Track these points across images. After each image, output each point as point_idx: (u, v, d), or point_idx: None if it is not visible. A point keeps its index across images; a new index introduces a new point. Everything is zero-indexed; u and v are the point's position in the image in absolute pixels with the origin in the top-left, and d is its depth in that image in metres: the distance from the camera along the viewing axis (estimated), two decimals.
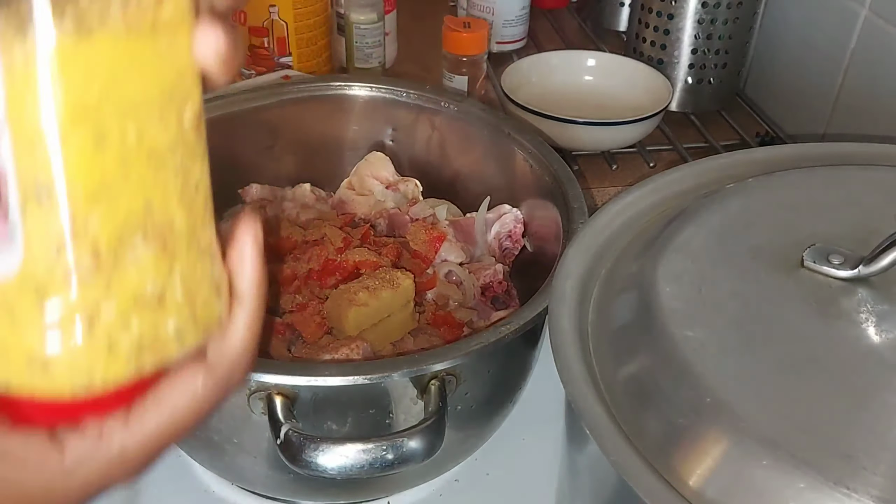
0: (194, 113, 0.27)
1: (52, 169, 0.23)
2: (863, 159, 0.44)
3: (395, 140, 0.69)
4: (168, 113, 0.26)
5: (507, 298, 0.61)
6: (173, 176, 0.26)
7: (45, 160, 0.23)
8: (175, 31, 0.26)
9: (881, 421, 0.29)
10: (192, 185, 0.27)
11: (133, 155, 0.25)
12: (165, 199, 0.26)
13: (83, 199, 0.24)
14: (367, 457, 0.40)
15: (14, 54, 0.23)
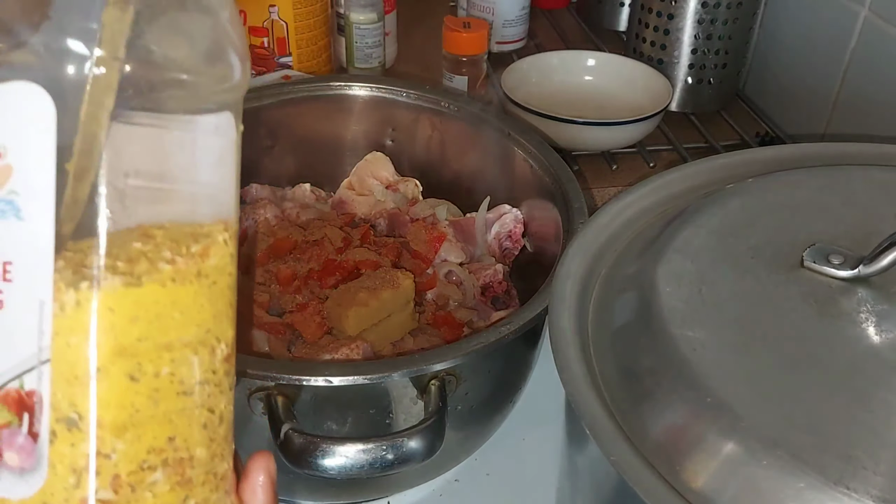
0: (226, 351, 0.27)
1: (87, 400, 0.24)
2: (863, 159, 0.44)
3: (395, 140, 0.69)
4: (202, 351, 0.27)
5: (507, 298, 0.61)
6: (199, 410, 0.27)
7: (81, 391, 0.24)
8: (217, 278, 0.27)
9: (881, 421, 0.29)
10: (216, 418, 0.27)
11: (164, 391, 0.25)
12: (189, 433, 0.26)
13: (111, 431, 0.24)
14: (367, 457, 0.40)
15: (67, 294, 0.24)
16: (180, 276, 0.26)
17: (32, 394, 0.24)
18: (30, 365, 0.24)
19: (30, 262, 0.24)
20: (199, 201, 0.28)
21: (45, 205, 0.24)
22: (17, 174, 0.24)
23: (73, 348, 0.24)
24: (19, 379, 0.24)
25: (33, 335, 0.24)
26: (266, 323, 0.53)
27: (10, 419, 0.24)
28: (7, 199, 0.24)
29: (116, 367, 0.25)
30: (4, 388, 0.24)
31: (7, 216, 0.24)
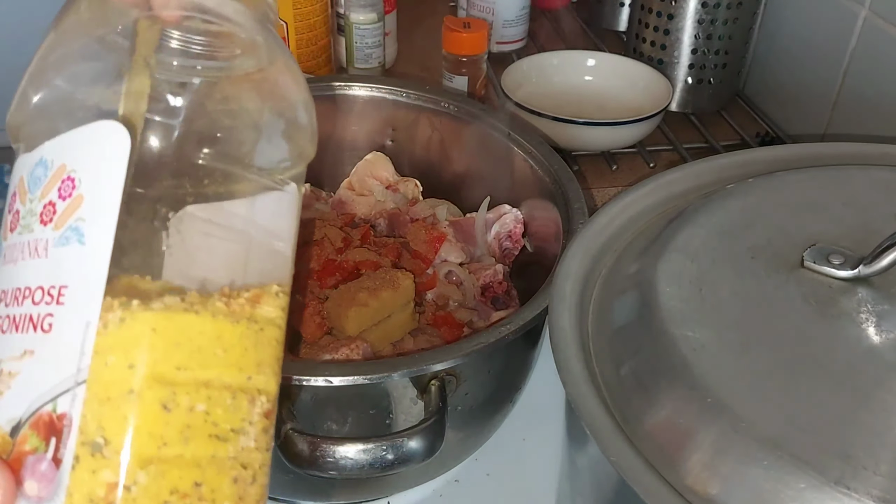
0: (266, 407, 0.27)
1: (116, 424, 0.23)
2: (863, 159, 0.44)
3: (395, 140, 0.69)
4: (241, 397, 0.26)
5: (507, 298, 0.61)
6: (232, 462, 0.26)
7: (111, 413, 0.23)
8: (265, 326, 0.27)
9: (881, 421, 0.29)
10: (248, 475, 0.26)
11: (196, 429, 0.25)
12: (218, 483, 0.25)
13: (136, 460, 0.23)
14: (367, 457, 0.40)
15: (114, 312, 0.24)
16: (231, 314, 0.26)
17: (63, 416, 0.23)
18: (66, 387, 0.24)
19: (83, 284, 0.24)
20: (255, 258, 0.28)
21: (107, 230, 0.24)
22: (86, 203, 0.25)
23: (109, 367, 0.24)
24: (53, 402, 0.24)
25: (75, 356, 0.24)
26: None
27: (38, 445, 0.24)
28: (74, 227, 0.25)
29: (151, 392, 0.24)
30: (38, 413, 0.24)
31: (70, 242, 0.25)
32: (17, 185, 0.27)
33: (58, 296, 0.24)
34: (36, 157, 0.26)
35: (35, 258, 0.25)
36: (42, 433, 0.24)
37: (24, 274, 0.25)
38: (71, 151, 0.26)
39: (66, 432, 0.23)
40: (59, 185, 0.25)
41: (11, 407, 0.24)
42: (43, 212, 0.25)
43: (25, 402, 0.24)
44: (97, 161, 0.25)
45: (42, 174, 0.26)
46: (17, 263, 0.26)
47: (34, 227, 0.25)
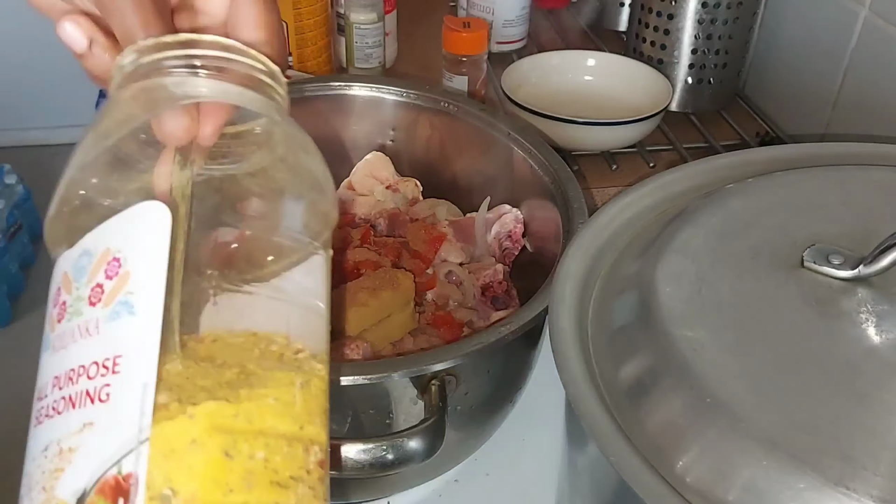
0: (320, 457, 0.28)
1: (183, 475, 0.24)
2: (863, 159, 0.44)
3: (395, 140, 0.69)
4: (296, 447, 0.27)
5: (507, 298, 0.60)
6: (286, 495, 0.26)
7: (176, 465, 0.24)
8: (313, 380, 0.29)
9: (881, 421, 0.29)
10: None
11: (258, 475, 0.26)
12: None
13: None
14: (367, 457, 0.40)
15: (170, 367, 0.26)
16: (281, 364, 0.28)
17: (129, 476, 0.24)
18: (129, 447, 0.24)
19: (138, 349, 0.25)
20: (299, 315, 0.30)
21: (156, 296, 0.26)
22: (133, 277, 0.26)
23: (171, 422, 0.25)
24: (118, 465, 0.24)
25: (135, 418, 0.25)
26: None
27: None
28: (124, 301, 0.26)
29: (213, 440, 0.25)
30: (103, 479, 0.24)
31: (121, 316, 0.26)
32: (60, 281, 0.28)
33: (113, 366, 0.25)
34: (78, 250, 0.28)
35: (86, 337, 0.26)
36: (109, 497, 0.24)
37: (76, 354, 0.26)
38: (114, 235, 0.27)
39: (134, 490, 0.24)
40: (106, 268, 0.27)
41: (75, 480, 0.25)
42: (91, 294, 0.27)
43: (88, 471, 0.25)
44: (140, 237, 0.27)
45: (87, 263, 0.27)
46: (67, 348, 0.27)
47: (83, 310, 0.27)
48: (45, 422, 0.26)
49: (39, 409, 0.27)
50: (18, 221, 1.09)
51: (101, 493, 0.24)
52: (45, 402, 0.27)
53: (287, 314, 0.30)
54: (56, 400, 0.26)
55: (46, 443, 0.26)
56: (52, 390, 0.27)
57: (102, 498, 0.24)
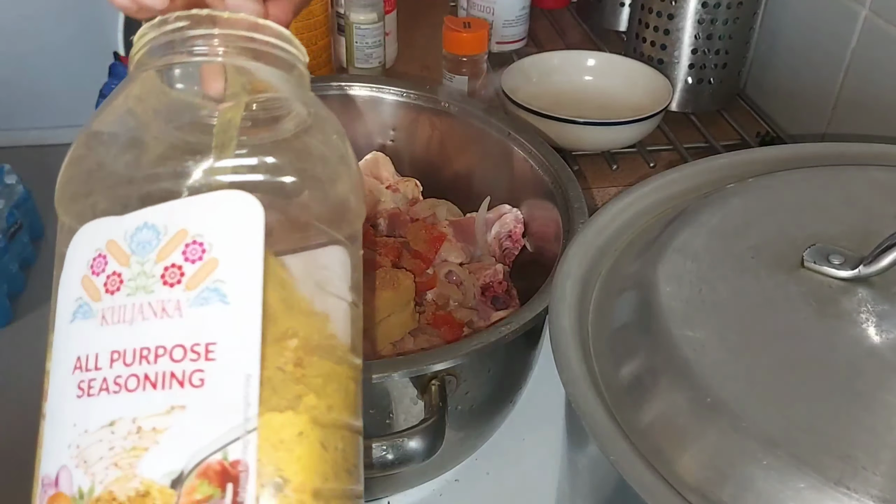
0: (362, 444, 0.31)
1: (292, 465, 0.26)
2: (863, 159, 0.44)
3: (395, 140, 0.69)
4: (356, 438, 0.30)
5: (507, 298, 0.60)
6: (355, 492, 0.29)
7: (287, 457, 0.26)
8: (356, 374, 0.31)
9: (881, 421, 0.29)
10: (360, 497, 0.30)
11: (339, 466, 0.28)
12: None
13: (311, 495, 0.26)
14: (367, 457, 0.40)
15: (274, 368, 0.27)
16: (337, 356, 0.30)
17: (237, 463, 0.25)
18: (235, 436, 0.25)
19: (236, 340, 0.26)
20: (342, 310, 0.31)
21: (255, 291, 0.27)
22: (223, 266, 0.27)
23: (279, 414, 0.26)
24: (223, 451, 0.25)
25: (238, 407, 0.26)
26: None
27: (212, 492, 0.25)
28: (212, 288, 0.27)
29: (314, 434, 0.27)
30: (205, 463, 0.25)
31: (212, 302, 0.26)
32: (104, 249, 0.28)
33: (205, 352, 0.26)
34: (135, 221, 0.28)
35: (164, 318, 0.27)
36: (216, 481, 0.25)
37: (150, 333, 0.27)
38: (191, 218, 0.27)
39: (244, 477, 0.25)
40: (184, 249, 0.27)
41: (167, 461, 0.25)
42: (165, 274, 0.27)
43: (185, 454, 0.25)
44: (231, 229, 0.27)
45: (152, 238, 0.27)
46: (133, 324, 0.27)
47: (154, 288, 0.27)
48: (105, 396, 0.26)
49: (90, 380, 0.27)
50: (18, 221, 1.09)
51: (203, 476, 0.25)
52: (100, 374, 0.27)
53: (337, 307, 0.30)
54: (122, 375, 0.26)
55: (111, 418, 0.26)
56: (113, 364, 0.27)
57: (206, 482, 0.25)
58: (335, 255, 0.31)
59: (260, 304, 0.27)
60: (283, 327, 0.28)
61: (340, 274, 0.31)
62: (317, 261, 0.30)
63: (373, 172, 0.68)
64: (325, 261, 0.30)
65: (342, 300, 0.30)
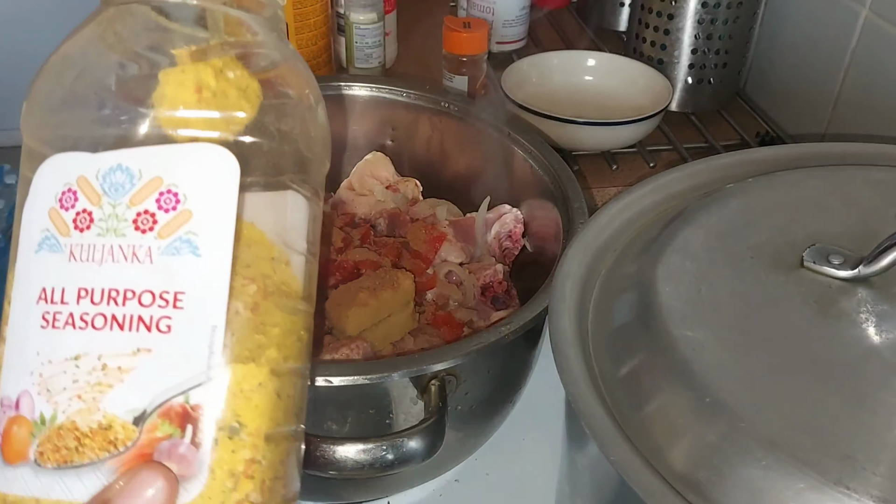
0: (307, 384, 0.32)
1: (249, 412, 0.28)
2: (863, 159, 0.44)
3: (395, 140, 0.69)
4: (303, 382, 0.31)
5: (507, 298, 0.61)
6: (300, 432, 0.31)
7: (245, 405, 0.28)
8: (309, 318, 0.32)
9: (881, 421, 0.29)
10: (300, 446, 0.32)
11: (289, 411, 0.30)
12: (296, 451, 0.31)
13: (264, 440, 0.28)
14: (367, 457, 0.40)
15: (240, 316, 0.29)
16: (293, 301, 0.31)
17: (198, 407, 0.27)
18: (198, 381, 0.27)
19: (204, 292, 0.27)
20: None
21: (226, 246, 0.28)
22: (196, 218, 0.28)
23: (241, 365, 0.28)
24: (185, 394, 0.27)
25: (203, 356, 0.27)
26: None
27: (172, 431, 0.27)
28: (185, 239, 0.28)
29: (271, 384, 0.28)
30: (167, 404, 0.27)
31: (183, 252, 0.27)
32: (75, 184, 0.29)
33: (174, 300, 0.27)
34: (109, 161, 0.28)
35: (135, 263, 0.27)
36: (176, 422, 0.27)
37: (120, 276, 0.28)
38: (167, 167, 0.28)
39: (204, 420, 0.27)
40: (158, 197, 0.28)
41: (131, 399, 0.27)
42: (138, 219, 0.28)
43: (148, 395, 0.27)
44: (207, 182, 0.28)
45: (125, 181, 0.28)
46: (103, 265, 0.28)
47: (126, 232, 0.28)
48: (71, 331, 0.27)
49: (55, 313, 0.28)
50: None
51: (165, 416, 0.27)
52: (66, 308, 0.28)
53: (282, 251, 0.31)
54: (89, 313, 0.27)
55: (77, 352, 0.27)
56: (80, 301, 0.28)
57: (168, 422, 0.27)
58: (297, 205, 0.31)
59: (230, 260, 0.28)
60: (243, 270, 0.29)
61: (300, 224, 0.31)
62: (278, 208, 0.31)
63: (373, 172, 0.68)
64: (286, 209, 0.31)
65: (299, 249, 0.31)
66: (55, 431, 0.27)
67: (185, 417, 0.27)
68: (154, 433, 0.26)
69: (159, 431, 0.26)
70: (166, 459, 0.26)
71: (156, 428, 0.26)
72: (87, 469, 0.27)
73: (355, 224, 0.64)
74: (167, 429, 0.27)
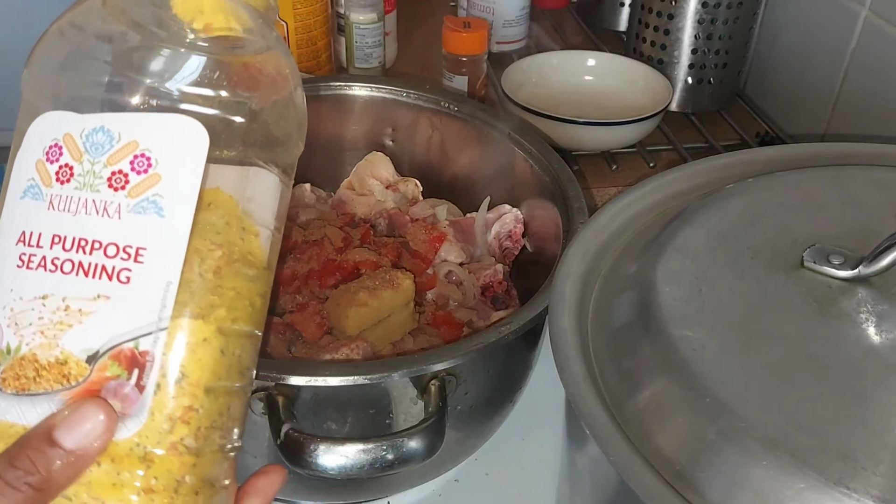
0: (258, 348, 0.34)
1: (192, 364, 0.30)
2: (863, 159, 0.44)
3: (395, 140, 0.69)
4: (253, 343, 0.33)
5: (507, 298, 0.61)
6: (246, 389, 0.33)
7: (189, 357, 0.30)
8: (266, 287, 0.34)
9: (881, 421, 0.29)
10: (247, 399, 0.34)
11: (234, 368, 0.32)
12: (236, 406, 0.32)
13: (204, 391, 0.30)
14: (367, 457, 0.40)
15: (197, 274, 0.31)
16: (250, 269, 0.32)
17: (146, 353, 0.29)
18: (148, 330, 0.29)
19: (163, 249, 0.30)
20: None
21: (188, 211, 0.30)
22: (164, 182, 0.30)
23: (190, 320, 0.30)
24: (135, 341, 0.29)
25: (156, 307, 0.29)
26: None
27: (120, 373, 0.29)
28: (152, 200, 0.30)
29: (217, 341, 0.31)
30: (118, 348, 0.29)
31: (148, 212, 0.30)
32: (61, 140, 0.31)
33: (135, 255, 0.29)
34: (93, 122, 0.31)
35: (105, 217, 0.30)
36: (124, 364, 0.29)
37: (89, 227, 0.30)
38: (144, 132, 0.30)
39: (150, 366, 0.29)
40: (132, 159, 0.30)
41: (86, 340, 0.29)
42: (112, 178, 0.30)
43: (103, 337, 0.29)
44: (177, 150, 0.30)
45: (105, 142, 0.30)
46: (76, 215, 0.30)
47: (101, 188, 0.30)
48: (42, 272, 0.30)
49: (30, 255, 0.30)
50: None
51: (115, 359, 0.29)
52: (40, 252, 0.30)
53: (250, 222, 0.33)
54: (60, 258, 0.30)
55: (44, 292, 0.30)
56: (53, 246, 0.30)
57: (117, 364, 0.29)
58: (268, 181, 0.33)
59: (190, 222, 0.30)
60: (212, 237, 0.31)
61: (271, 200, 0.34)
62: (252, 183, 0.33)
63: (373, 172, 0.68)
64: (259, 185, 0.33)
65: (267, 223, 0.33)
66: (18, 361, 0.30)
67: (133, 362, 0.29)
68: (104, 372, 0.29)
69: (108, 371, 0.29)
70: (111, 397, 0.29)
71: (106, 368, 0.29)
72: (42, 398, 0.29)
73: (355, 224, 0.64)
74: (116, 370, 0.29)
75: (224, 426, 0.31)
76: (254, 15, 0.33)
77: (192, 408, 0.30)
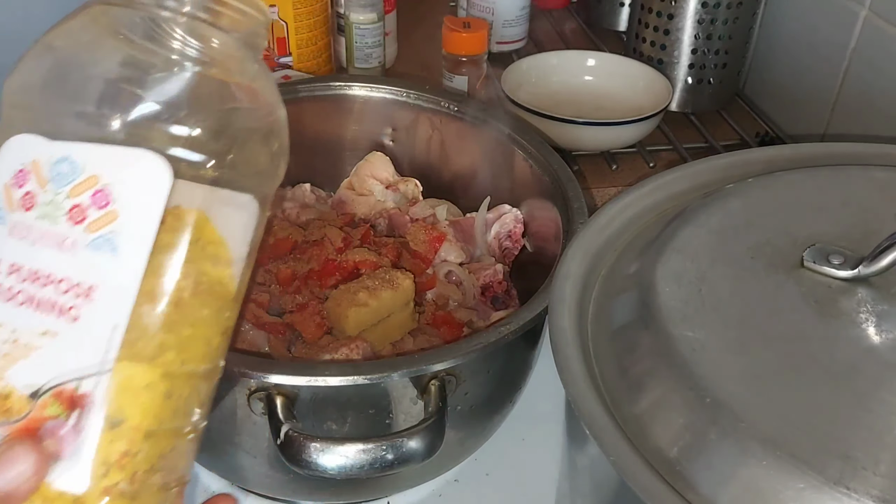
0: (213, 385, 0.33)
1: (134, 409, 0.29)
2: (863, 159, 0.44)
3: (395, 140, 0.69)
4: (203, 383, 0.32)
5: (507, 298, 0.61)
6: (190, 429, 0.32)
7: (131, 402, 0.29)
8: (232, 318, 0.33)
9: (881, 421, 0.29)
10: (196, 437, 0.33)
11: (179, 410, 0.31)
12: (182, 446, 0.32)
13: (144, 435, 0.29)
14: (367, 457, 0.40)
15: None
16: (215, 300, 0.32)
17: (86, 395, 0.28)
18: (91, 372, 0.28)
19: (114, 290, 0.29)
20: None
21: (142, 251, 0.29)
22: (121, 220, 0.29)
23: (133, 364, 0.29)
24: (78, 382, 0.28)
25: (101, 349, 0.28)
26: (266, 323, 0.53)
27: (60, 413, 0.28)
28: (108, 238, 0.29)
29: (162, 385, 0.30)
30: (60, 387, 0.28)
31: (102, 249, 0.29)
32: (29, 165, 0.30)
33: (87, 292, 0.29)
34: (60, 151, 0.30)
35: (61, 251, 0.29)
36: (65, 405, 0.28)
37: (45, 259, 0.29)
38: (106, 166, 0.29)
39: (89, 409, 0.28)
40: (92, 194, 0.29)
41: (31, 375, 0.29)
42: (72, 211, 0.29)
43: (46, 374, 0.28)
44: (137, 187, 0.29)
45: (69, 172, 0.29)
46: (34, 245, 0.30)
47: (60, 220, 0.29)
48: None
49: None
50: None
51: (57, 398, 0.28)
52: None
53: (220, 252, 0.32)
54: (14, 287, 0.30)
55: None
56: (10, 275, 0.30)
57: (57, 403, 0.28)
58: (245, 209, 0.33)
59: (144, 264, 0.29)
60: (181, 263, 0.30)
61: (245, 228, 0.33)
62: (230, 209, 0.32)
63: (373, 172, 0.68)
64: (237, 212, 0.32)
65: (241, 253, 0.33)
66: None
67: (73, 403, 0.28)
68: (44, 411, 0.28)
69: (48, 410, 0.28)
70: (49, 437, 0.28)
71: (46, 406, 0.28)
72: None
73: (355, 224, 0.64)
74: (56, 409, 0.28)
75: (165, 467, 0.31)
76: (237, 44, 0.32)
77: (128, 453, 0.29)
